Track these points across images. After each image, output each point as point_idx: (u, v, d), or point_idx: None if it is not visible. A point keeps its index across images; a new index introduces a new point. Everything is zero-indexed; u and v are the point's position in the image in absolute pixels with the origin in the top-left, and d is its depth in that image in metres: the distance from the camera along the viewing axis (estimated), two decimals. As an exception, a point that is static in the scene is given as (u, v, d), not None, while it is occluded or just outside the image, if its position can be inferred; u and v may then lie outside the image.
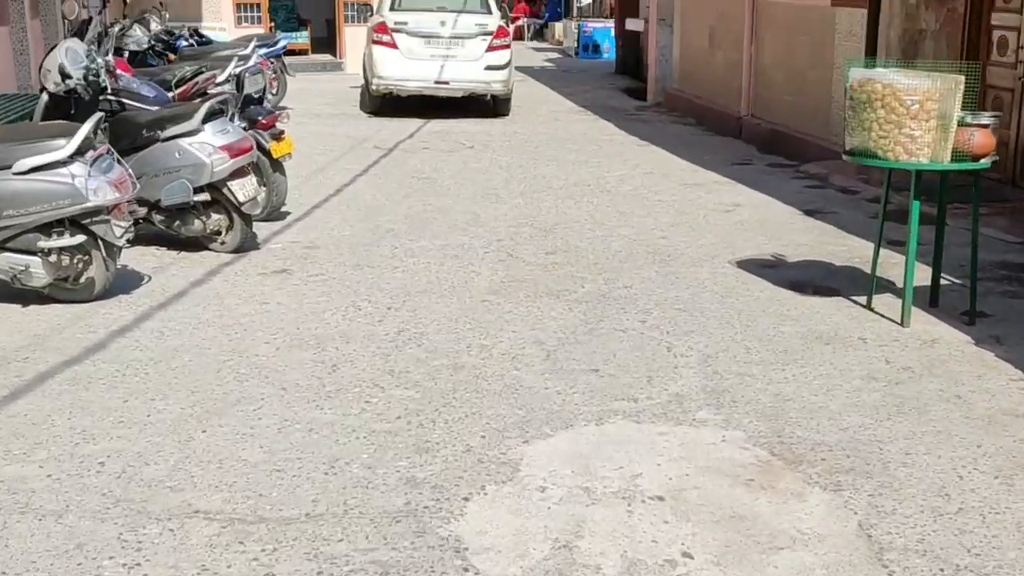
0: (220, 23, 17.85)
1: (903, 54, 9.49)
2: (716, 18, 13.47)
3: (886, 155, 5.27)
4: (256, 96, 7.57)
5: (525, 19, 28.30)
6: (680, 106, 14.61)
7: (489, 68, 13.38)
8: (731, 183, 9.55)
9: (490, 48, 13.39)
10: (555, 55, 23.43)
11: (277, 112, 7.56)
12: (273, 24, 19.16)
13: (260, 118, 7.36)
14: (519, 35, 27.85)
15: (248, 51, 11.35)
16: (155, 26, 11.88)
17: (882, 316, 5.71)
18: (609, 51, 21.54)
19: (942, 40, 9.26)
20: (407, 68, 13.26)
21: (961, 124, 5.20)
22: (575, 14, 25.53)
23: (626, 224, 7.89)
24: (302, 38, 19.71)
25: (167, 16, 12.84)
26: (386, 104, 13.71)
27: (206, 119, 6.50)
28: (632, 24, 17.77)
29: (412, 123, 12.97)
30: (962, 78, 5.09)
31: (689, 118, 13.90)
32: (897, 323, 5.57)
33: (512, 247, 7.16)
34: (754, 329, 5.48)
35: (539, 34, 27.86)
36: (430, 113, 13.58)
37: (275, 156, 7.40)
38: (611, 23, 21.34)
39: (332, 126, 12.77)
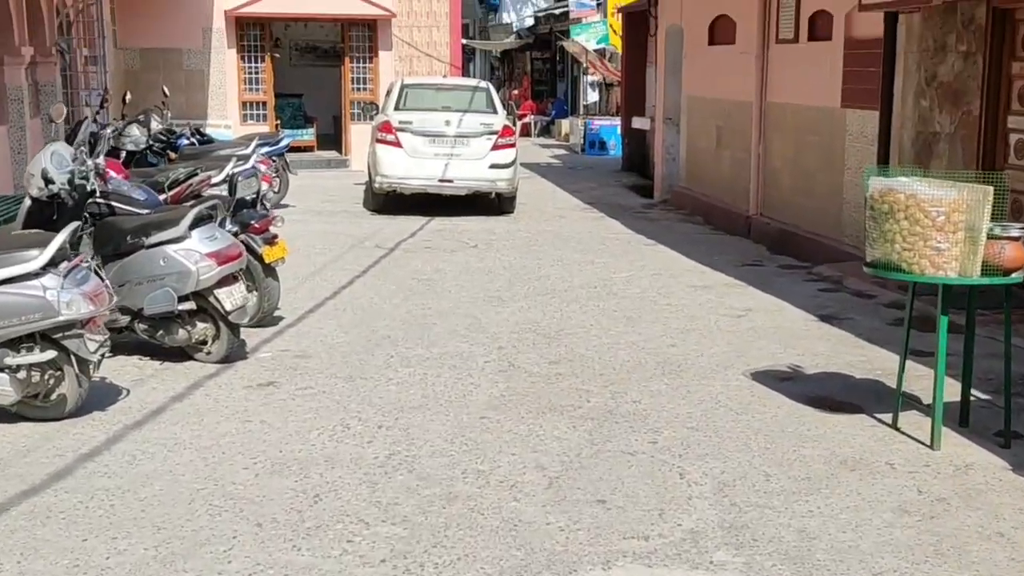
0: (225, 120, 17.82)
1: (917, 157, 9.26)
2: (723, 118, 13.34)
3: (911, 268, 4.95)
4: (250, 199, 7.32)
5: (532, 116, 28.41)
6: (687, 204, 14.40)
7: (494, 167, 13.21)
8: (742, 286, 9.23)
9: (495, 147, 13.24)
10: (561, 151, 23.41)
11: (270, 216, 7.30)
12: (279, 122, 19.14)
13: (253, 222, 7.09)
14: (526, 132, 27.94)
15: (249, 150, 11.22)
16: (155, 125, 11.74)
17: (909, 437, 5.31)
18: (615, 148, 21.50)
19: (957, 143, 9.03)
20: (411, 167, 13.11)
21: (990, 236, 4.88)
22: (581, 111, 25.62)
23: (634, 330, 7.55)
24: (308, 135, 19.69)
25: (169, 115, 12.73)
26: (390, 202, 13.53)
27: (193, 225, 6.23)
28: (638, 123, 17.71)
29: (415, 221, 12.76)
30: (990, 189, 4.79)
31: (697, 216, 13.67)
32: (926, 445, 5.17)
33: (514, 356, 6.81)
34: (773, 452, 5.08)
35: (546, 131, 27.96)
36: (434, 210, 13.38)
37: (267, 261, 7.11)
38: (617, 120, 21.33)
39: (333, 224, 12.55)
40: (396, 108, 13.55)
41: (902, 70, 9.41)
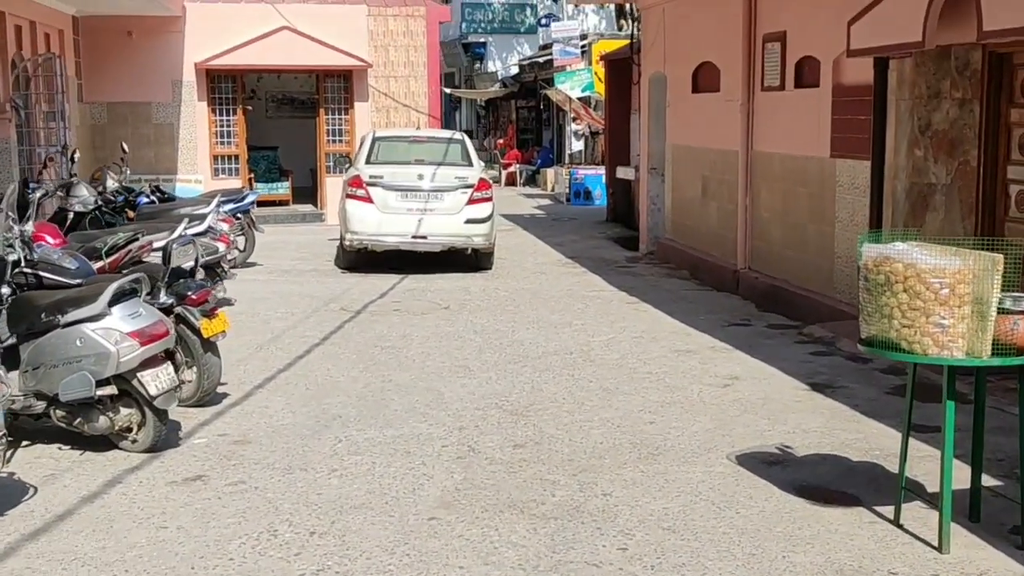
0: (196, 175, 17.29)
1: (912, 209, 8.73)
2: (709, 168, 12.84)
3: (912, 347, 4.35)
4: (188, 268, 6.71)
5: (517, 165, 27.99)
6: (673, 257, 13.85)
7: (470, 222, 12.66)
8: (728, 349, 8.63)
9: (471, 201, 12.69)
10: (546, 201, 22.92)
11: (209, 286, 6.69)
12: (252, 176, 18.61)
13: (190, 293, 6.48)
14: (512, 181, 27.51)
15: (209, 208, 10.69)
16: (111, 183, 11.19)
17: (914, 537, 4.68)
18: (601, 197, 21.01)
19: (955, 195, 8.50)
20: (383, 223, 12.54)
21: (1001, 311, 4.29)
22: (567, 161, 25.19)
23: (609, 404, 6.93)
24: (283, 189, 19.14)
25: (128, 171, 12.18)
26: (361, 259, 12.95)
27: (114, 301, 5.61)
28: (623, 172, 17.21)
29: (387, 280, 12.17)
30: (1000, 257, 4.21)
31: (683, 270, 13.11)
32: (934, 547, 4.54)
33: (475, 438, 6.18)
34: (760, 560, 4.44)
35: (531, 180, 27.51)
36: (408, 268, 12.81)
37: (206, 336, 6.49)
38: (603, 170, 20.87)
39: (300, 284, 11.95)
40: (367, 162, 13.02)
41: (894, 118, 8.90)
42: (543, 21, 33.73)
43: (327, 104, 18.02)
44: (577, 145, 24.85)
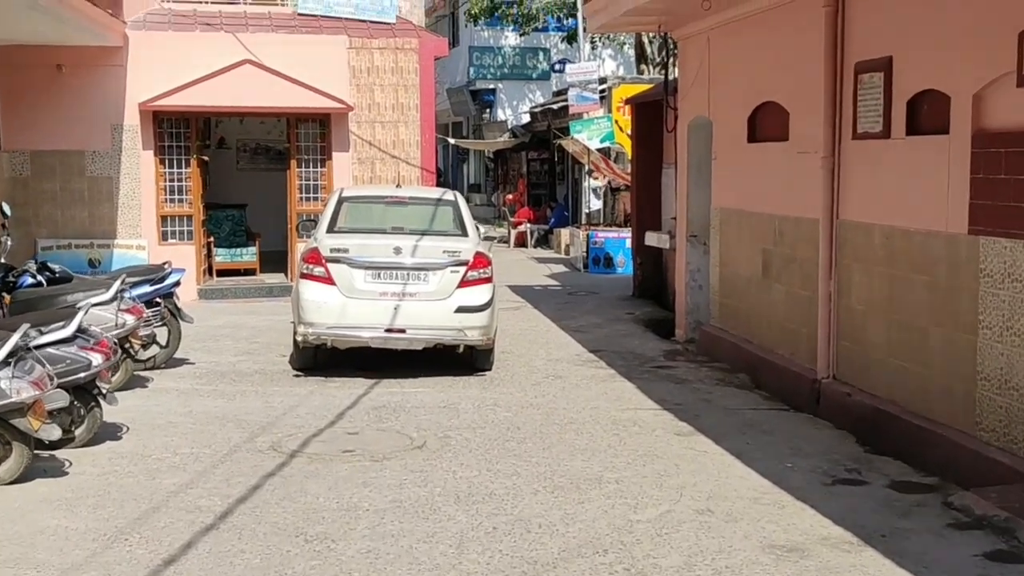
0: (139, 240, 14.29)
1: None
2: (772, 239, 9.77)
3: None
4: None
5: (528, 224, 24.99)
6: (722, 352, 10.75)
7: (462, 310, 9.57)
8: (853, 544, 5.47)
9: (464, 283, 9.62)
10: (560, 268, 19.84)
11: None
12: (212, 240, 15.61)
13: None
14: (522, 241, 24.54)
15: (108, 296, 7.78)
16: (-28, 261, 8.20)
17: None
18: (624, 265, 17.95)
19: None
20: (347, 311, 9.48)
21: None
22: (583, 220, 22.15)
23: None
24: (248, 255, 16.05)
25: (8, 241, 9.18)
26: (323, 356, 9.88)
27: None
28: (653, 239, 14.12)
29: (350, 388, 9.08)
30: None
31: (738, 373, 10.00)
32: None
33: None
34: None
35: (543, 240, 24.48)
36: (383, 368, 9.75)
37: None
38: (626, 233, 17.83)
39: (231, 397, 8.84)
40: (330, 230, 9.99)
41: (1087, 181, 5.88)
42: (556, 66, 31.05)
43: (300, 154, 15.05)
44: (596, 203, 21.84)
